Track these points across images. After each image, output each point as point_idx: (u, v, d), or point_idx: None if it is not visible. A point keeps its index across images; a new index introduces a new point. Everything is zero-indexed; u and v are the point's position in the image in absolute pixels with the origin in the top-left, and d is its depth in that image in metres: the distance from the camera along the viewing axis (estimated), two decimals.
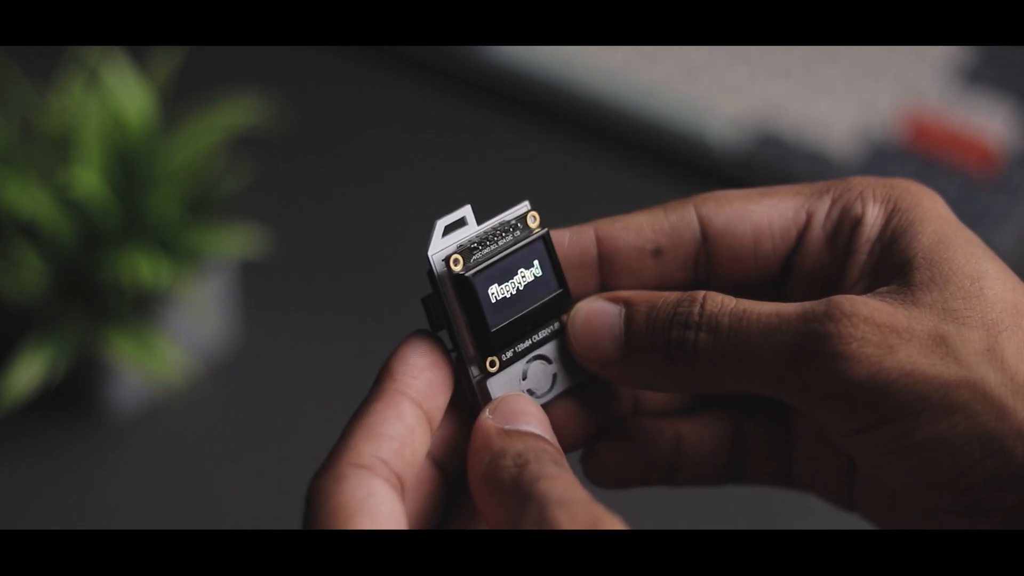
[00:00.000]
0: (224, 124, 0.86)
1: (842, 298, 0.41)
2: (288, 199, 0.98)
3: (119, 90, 0.84)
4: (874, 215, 0.44)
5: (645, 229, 0.45)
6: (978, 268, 0.42)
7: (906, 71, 1.03)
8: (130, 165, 0.83)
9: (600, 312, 0.44)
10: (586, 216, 0.47)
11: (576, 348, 0.44)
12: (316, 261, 0.95)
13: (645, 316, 0.43)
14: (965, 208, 0.94)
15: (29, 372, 0.81)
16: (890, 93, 1.01)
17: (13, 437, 0.85)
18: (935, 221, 0.43)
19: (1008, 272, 0.42)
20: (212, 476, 0.85)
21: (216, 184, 0.86)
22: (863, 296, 0.41)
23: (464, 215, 0.43)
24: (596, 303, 0.44)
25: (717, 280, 0.46)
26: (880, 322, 0.40)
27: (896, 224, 0.43)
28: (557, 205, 0.92)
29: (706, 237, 0.45)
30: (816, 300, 0.42)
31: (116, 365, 0.84)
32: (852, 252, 0.44)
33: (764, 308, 0.42)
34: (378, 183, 1.00)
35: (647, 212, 0.46)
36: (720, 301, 0.42)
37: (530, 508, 0.39)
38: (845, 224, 0.44)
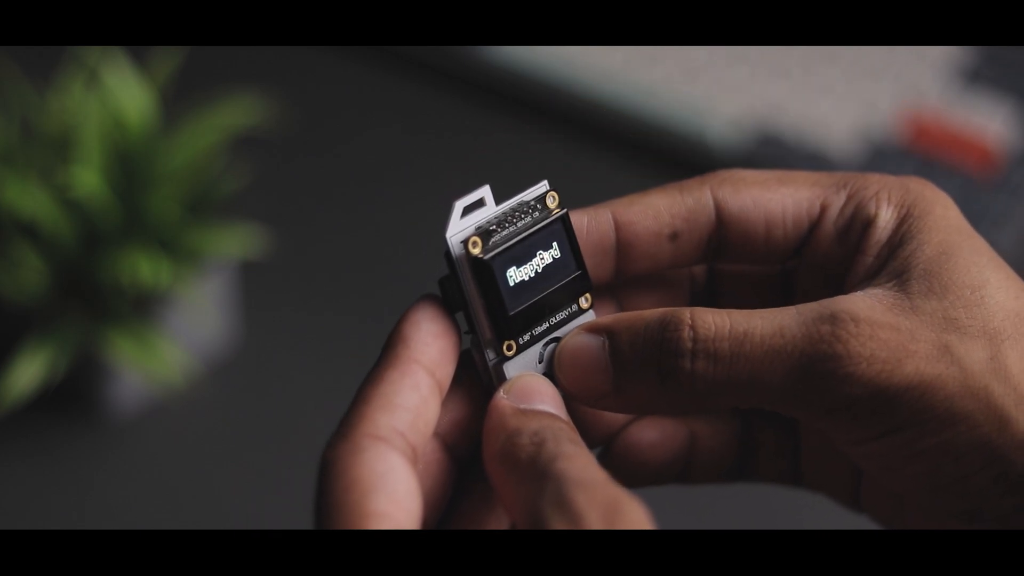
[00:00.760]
0: (224, 124, 0.86)
1: (847, 311, 0.41)
2: (288, 199, 0.98)
3: (119, 90, 0.84)
4: (886, 218, 0.43)
5: (663, 213, 0.45)
6: (980, 277, 0.42)
7: (906, 71, 1.03)
8: (130, 165, 0.83)
9: (584, 347, 0.43)
10: None
11: (566, 387, 0.43)
12: (316, 261, 0.95)
13: (629, 345, 0.42)
14: (965, 208, 0.93)
15: (29, 372, 0.81)
16: (890, 93, 1.01)
17: (13, 437, 0.85)
18: (943, 231, 0.43)
19: (1013, 280, 0.42)
20: (212, 476, 0.85)
21: (216, 184, 0.86)
22: (867, 304, 0.41)
23: (483, 195, 0.43)
24: (578, 338, 0.43)
25: (725, 263, 0.46)
26: (887, 337, 0.40)
27: (905, 230, 0.43)
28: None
29: (720, 221, 0.45)
30: (818, 307, 0.41)
31: (116, 365, 0.84)
32: (860, 252, 0.43)
33: (765, 328, 0.41)
34: (378, 183, 1.00)
35: (664, 193, 0.45)
36: (712, 322, 0.41)
37: (548, 488, 0.38)
38: (857, 223, 0.44)
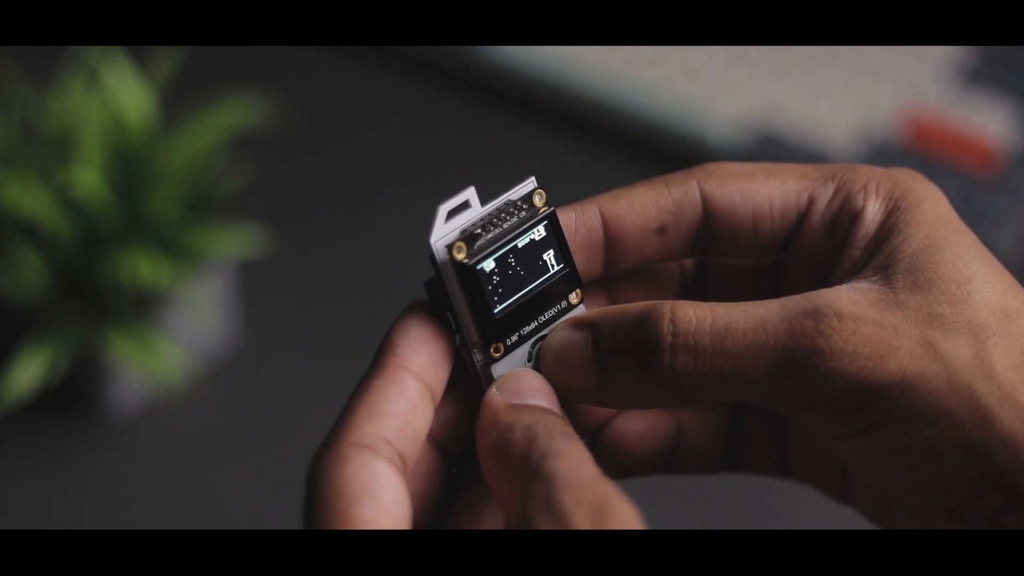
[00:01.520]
0: (224, 124, 0.86)
1: (830, 306, 0.40)
2: (288, 199, 0.98)
3: (119, 90, 0.84)
4: (874, 211, 0.43)
5: (650, 207, 0.44)
6: (966, 271, 0.41)
7: (906, 71, 1.03)
8: (130, 165, 0.83)
9: (568, 342, 0.43)
10: None
11: (552, 383, 0.43)
12: (316, 261, 0.95)
13: (611, 339, 0.42)
14: (965, 208, 0.94)
15: (29, 372, 0.81)
16: (890, 93, 1.01)
17: (13, 437, 0.85)
18: (931, 224, 0.42)
19: (1000, 275, 0.42)
20: (212, 476, 0.85)
21: (216, 184, 0.86)
22: (851, 298, 0.40)
23: (468, 198, 0.42)
24: (563, 333, 0.43)
25: (713, 256, 0.46)
26: (870, 333, 0.40)
27: (892, 223, 0.43)
28: (557, 205, 0.92)
29: (707, 213, 0.44)
30: (802, 301, 0.41)
31: (116, 365, 0.84)
32: (848, 244, 0.43)
33: (748, 322, 0.40)
34: (378, 183, 1.00)
35: (650, 187, 0.45)
36: (692, 316, 0.41)
37: (538, 487, 0.38)
38: (844, 215, 0.43)
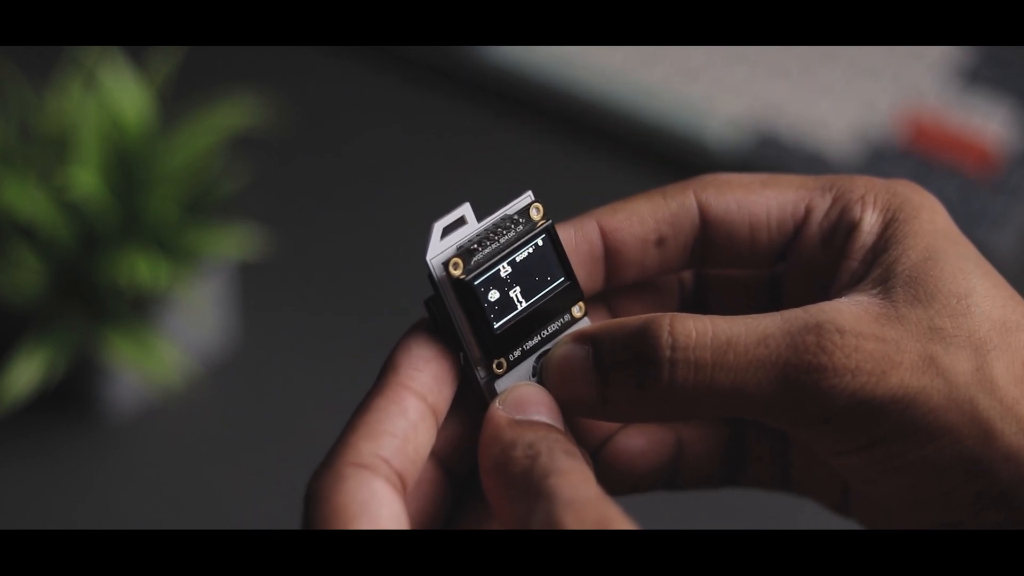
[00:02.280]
0: (223, 124, 0.86)
1: (832, 321, 0.40)
2: (287, 199, 0.98)
3: (117, 90, 0.84)
4: (871, 222, 0.43)
5: (648, 218, 0.44)
6: (966, 285, 0.41)
7: (905, 71, 1.03)
8: (128, 166, 0.83)
9: (570, 357, 0.42)
10: None
11: (555, 397, 0.43)
12: (315, 261, 0.95)
13: (611, 353, 0.42)
14: (964, 209, 0.94)
15: (27, 373, 0.81)
16: (889, 93, 1.01)
17: (12, 437, 0.85)
18: (929, 236, 0.42)
19: (999, 288, 0.41)
20: (211, 477, 0.85)
21: (215, 184, 0.86)
22: (852, 313, 0.40)
23: (463, 214, 0.42)
24: (565, 347, 0.43)
25: (712, 267, 0.46)
26: (872, 348, 0.40)
27: (890, 235, 0.42)
28: (556, 206, 0.92)
29: (705, 224, 0.44)
30: (804, 315, 0.40)
31: (114, 366, 0.84)
32: (845, 256, 0.43)
33: (748, 336, 0.40)
34: (378, 183, 1.00)
35: (647, 199, 0.45)
36: (692, 329, 0.41)
37: (539, 507, 0.38)
38: (842, 227, 0.43)
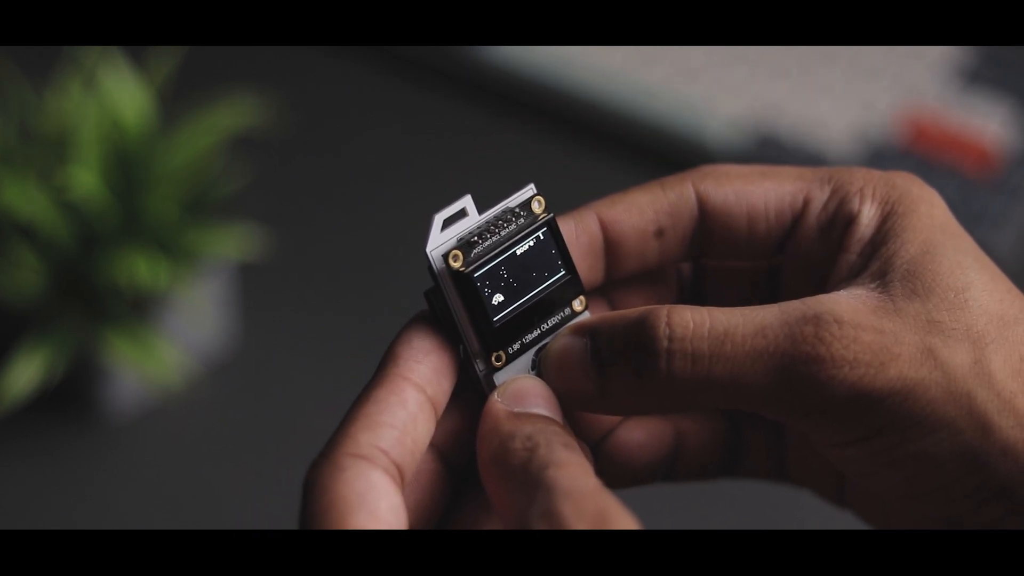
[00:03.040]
0: (223, 124, 0.86)
1: (831, 312, 0.40)
2: (287, 199, 0.98)
3: (117, 91, 0.84)
4: (869, 215, 0.43)
5: (647, 210, 0.44)
6: (963, 279, 0.41)
7: (905, 71, 1.03)
8: (128, 166, 0.83)
9: (569, 349, 0.42)
10: None
11: (554, 390, 0.43)
12: (315, 261, 0.95)
13: (609, 344, 0.42)
14: (963, 209, 0.94)
15: (27, 373, 0.81)
16: (889, 93, 1.01)
17: (11, 438, 0.85)
18: (927, 229, 0.42)
19: (997, 281, 0.42)
20: (210, 477, 0.85)
21: (215, 185, 0.86)
22: (851, 305, 0.40)
23: (464, 206, 0.42)
24: (563, 340, 0.43)
25: (710, 258, 0.46)
26: (870, 340, 0.40)
27: (888, 228, 0.42)
28: (556, 206, 0.92)
29: (703, 215, 0.44)
30: (801, 307, 0.40)
31: (114, 366, 0.84)
32: (843, 249, 0.43)
33: (747, 327, 0.40)
34: (378, 183, 1.00)
35: (645, 191, 0.45)
36: (690, 320, 0.41)
37: (538, 498, 0.38)
38: (840, 219, 0.43)
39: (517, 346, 0.43)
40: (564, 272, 0.43)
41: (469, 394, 0.43)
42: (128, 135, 0.83)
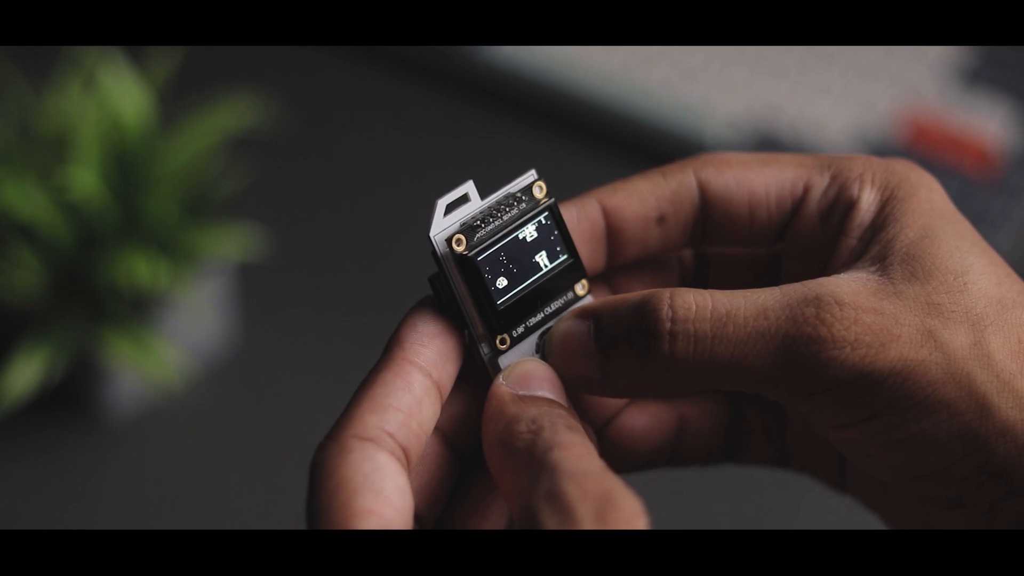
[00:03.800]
0: (222, 124, 0.86)
1: (832, 294, 0.40)
2: (287, 199, 0.98)
3: (117, 91, 0.84)
4: (869, 200, 0.43)
5: (648, 197, 0.45)
6: (963, 263, 0.41)
7: (905, 71, 1.03)
8: (128, 166, 0.83)
9: (572, 333, 0.43)
10: None
11: (558, 373, 0.43)
12: (315, 262, 0.95)
13: (611, 328, 0.42)
14: (963, 209, 0.93)
15: (26, 373, 0.81)
16: (888, 94, 1.01)
17: (11, 438, 0.85)
18: (926, 214, 0.43)
19: (996, 266, 0.42)
20: (210, 477, 0.85)
21: (214, 185, 0.86)
22: (851, 287, 0.41)
23: (467, 191, 0.43)
24: (566, 323, 0.43)
25: (711, 245, 0.46)
26: (871, 321, 0.40)
27: (888, 213, 0.43)
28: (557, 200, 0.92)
29: (704, 202, 0.45)
30: (803, 289, 0.41)
31: (114, 367, 0.84)
32: (843, 234, 0.43)
33: (748, 309, 0.41)
34: (377, 184, 1.00)
35: (647, 178, 0.45)
36: (692, 302, 0.41)
37: (542, 480, 0.38)
38: (840, 205, 0.44)
39: (521, 329, 0.43)
40: (567, 256, 0.43)
41: (473, 379, 0.43)
42: (128, 135, 0.83)
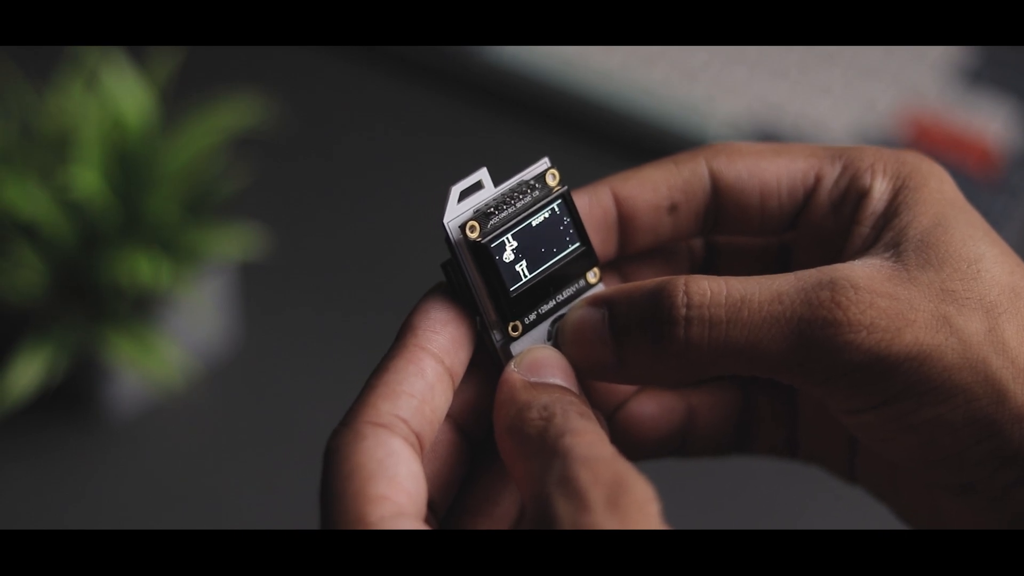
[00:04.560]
0: (224, 124, 0.86)
1: (847, 278, 0.41)
2: (288, 199, 0.98)
3: (118, 90, 0.84)
4: (881, 190, 0.43)
5: (660, 185, 0.45)
6: (975, 251, 0.42)
7: (906, 71, 1.03)
8: (130, 165, 0.83)
9: (586, 320, 0.43)
10: None
11: (571, 361, 0.43)
12: (316, 261, 0.95)
13: (626, 314, 0.42)
14: None
15: (28, 373, 0.81)
16: (889, 93, 1.01)
17: (12, 438, 0.85)
18: (937, 203, 0.43)
19: (1007, 255, 0.42)
20: (211, 477, 0.85)
21: (216, 184, 0.86)
22: (866, 272, 0.41)
23: (480, 178, 0.43)
24: (580, 311, 0.43)
25: (723, 234, 0.46)
26: (886, 306, 0.40)
27: (900, 202, 0.43)
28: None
29: (716, 191, 0.45)
30: (817, 274, 0.41)
31: (115, 366, 0.84)
32: (856, 223, 0.43)
33: (763, 294, 0.41)
34: (378, 183, 1.00)
35: (659, 167, 0.45)
36: (707, 288, 0.41)
37: (554, 465, 0.38)
38: (851, 194, 0.44)
39: (533, 316, 0.43)
40: (579, 244, 0.44)
41: (485, 366, 0.43)
42: (129, 135, 0.84)
